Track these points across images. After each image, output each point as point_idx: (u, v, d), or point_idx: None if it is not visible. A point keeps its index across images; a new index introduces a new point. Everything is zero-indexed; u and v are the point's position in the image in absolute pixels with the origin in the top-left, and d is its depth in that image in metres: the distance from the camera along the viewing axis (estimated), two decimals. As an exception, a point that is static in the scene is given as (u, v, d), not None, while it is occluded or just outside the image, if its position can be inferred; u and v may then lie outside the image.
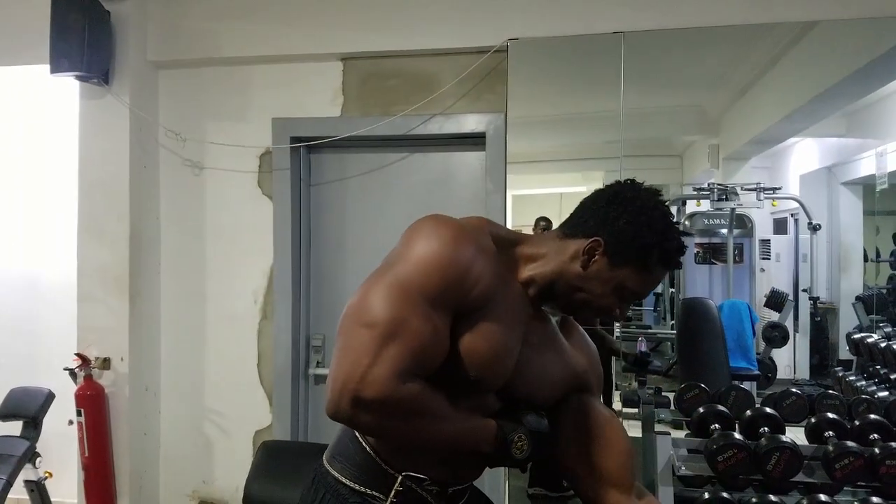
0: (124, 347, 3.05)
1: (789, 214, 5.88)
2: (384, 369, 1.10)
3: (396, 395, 1.11)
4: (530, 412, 1.30)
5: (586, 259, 1.32)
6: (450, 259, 1.19)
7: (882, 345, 3.75)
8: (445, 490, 1.32)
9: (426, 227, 1.24)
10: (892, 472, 2.18)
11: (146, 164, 3.15)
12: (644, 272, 1.32)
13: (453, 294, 1.19)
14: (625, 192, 1.35)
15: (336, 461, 1.37)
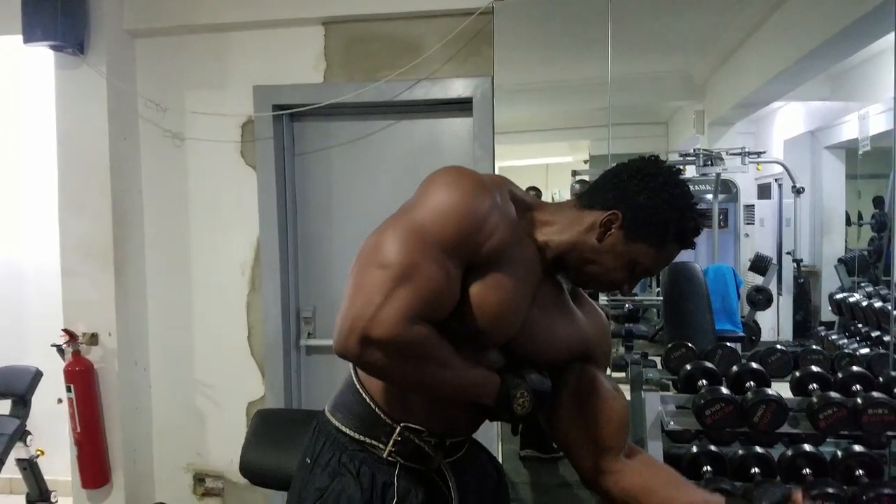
0: (111, 322, 3.03)
1: (773, 179, 5.92)
2: (394, 310, 1.10)
3: (405, 336, 1.11)
4: (534, 371, 1.31)
5: (602, 231, 1.31)
6: (466, 209, 1.18)
7: (863, 304, 3.81)
8: (443, 442, 1.34)
9: (446, 176, 1.23)
10: (874, 421, 2.22)
11: (126, 136, 3.11)
12: (658, 249, 1.31)
13: (467, 244, 1.19)
14: (647, 168, 1.33)
15: (337, 412, 1.38)
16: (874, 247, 4.70)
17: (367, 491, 1.29)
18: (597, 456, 1.39)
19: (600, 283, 1.37)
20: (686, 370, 2.57)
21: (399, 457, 1.31)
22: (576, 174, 6.57)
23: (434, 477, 1.34)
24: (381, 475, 1.31)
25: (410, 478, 1.32)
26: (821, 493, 1.35)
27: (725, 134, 6.22)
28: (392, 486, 1.30)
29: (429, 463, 1.32)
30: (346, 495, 1.29)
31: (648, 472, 1.40)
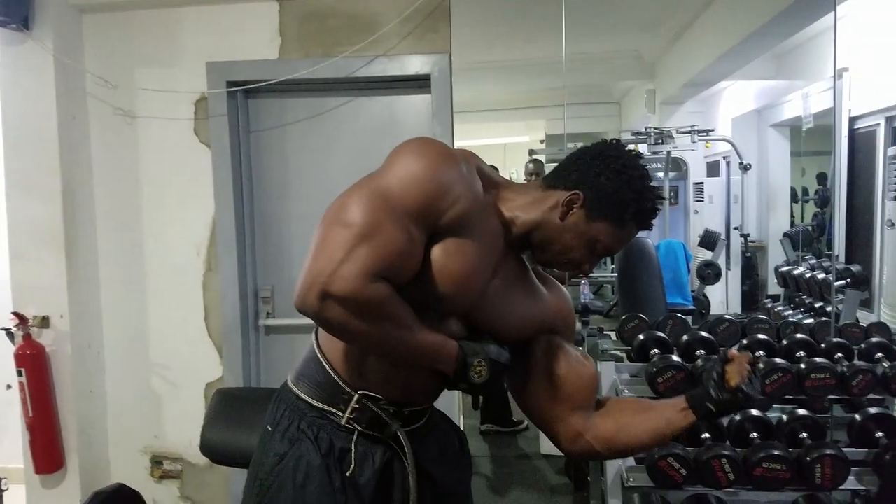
0: (63, 304, 2.96)
1: (721, 157, 6.06)
2: (355, 266, 1.12)
3: (364, 292, 1.13)
4: (493, 342, 1.35)
5: (565, 210, 1.36)
6: (431, 176, 1.22)
7: (807, 276, 3.93)
8: (401, 411, 1.37)
9: (414, 145, 1.27)
10: (816, 385, 2.33)
11: (75, 115, 3.03)
12: (618, 228, 1.37)
13: (431, 210, 1.22)
14: (609, 150, 1.39)
15: (299, 381, 1.41)
16: (818, 221, 4.85)
17: (325, 456, 1.32)
18: (573, 420, 1.44)
19: (562, 261, 1.41)
20: (639, 340, 2.65)
21: (357, 424, 1.34)
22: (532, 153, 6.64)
23: (391, 444, 1.37)
24: (339, 441, 1.34)
25: (367, 444, 1.35)
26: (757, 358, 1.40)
27: (676, 113, 6.35)
28: (349, 452, 1.33)
29: (385, 430, 1.35)
30: (305, 460, 1.32)
31: (617, 411, 1.46)
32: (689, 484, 2.33)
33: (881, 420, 2.40)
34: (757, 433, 2.41)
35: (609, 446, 1.43)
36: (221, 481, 3.19)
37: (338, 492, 1.31)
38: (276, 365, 3.28)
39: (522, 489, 3.59)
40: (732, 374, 1.37)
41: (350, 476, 1.32)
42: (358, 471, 1.33)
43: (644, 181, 1.37)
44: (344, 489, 1.31)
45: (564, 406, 1.44)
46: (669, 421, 1.40)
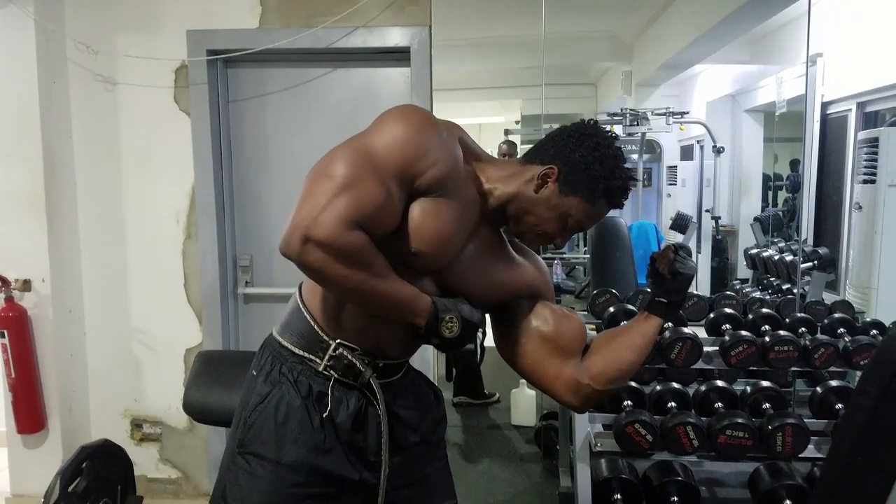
0: (45, 269, 2.97)
1: (695, 141, 6.14)
2: (335, 213, 1.19)
3: (342, 238, 1.20)
4: (467, 302, 1.41)
5: (539, 184, 1.42)
6: (412, 138, 1.29)
7: (775, 258, 4.03)
8: (375, 362, 1.44)
9: (398, 110, 1.34)
10: (780, 357, 2.42)
11: (55, 80, 3.02)
12: (589, 203, 1.42)
13: (410, 171, 1.29)
14: (585, 129, 1.45)
15: (284, 331, 1.49)
16: (788, 207, 4.96)
17: (304, 398, 1.40)
18: (569, 371, 1.50)
19: (536, 233, 1.47)
20: (610, 312, 2.73)
21: (333, 371, 1.41)
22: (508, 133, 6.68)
23: (365, 392, 1.44)
24: (316, 385, 1.41)
25: (343, 390, 1.42)
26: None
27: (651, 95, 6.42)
28: (326, 396, 1.41)
29: (359, 378, 1.42)
30: (286, 400, 1.40)
31: (597, 347, 1.54)
32: (655, 450, 2.42)
33: (841, 392, 2.50)
34: (722, 403, 2.50)
35: (605, 379, 1.50)
36: (200, 444, 3.23)
37: (316, 429, 1.39)
38: (255, 333, 3.31)
39: (493, 458, 3.68)
40: (662, 265, 1.51)
41: (328, 416, 1.40)
42: (334, 411, 1.40)
43: (616, 160, 1.43)
44: (322, 427, 1.39)
45: (559, 360, 1.51)
46: (641, 332, 1.52)
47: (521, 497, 3.27)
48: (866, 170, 3.33)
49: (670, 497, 2.34)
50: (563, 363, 1.50)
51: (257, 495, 1.40)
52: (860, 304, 3.25)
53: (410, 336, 1.43)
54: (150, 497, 3.20)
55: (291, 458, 1.39)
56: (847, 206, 3.71)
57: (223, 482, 1.45)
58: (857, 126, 3.73)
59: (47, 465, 2.59)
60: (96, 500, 2.09)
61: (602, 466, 2.50)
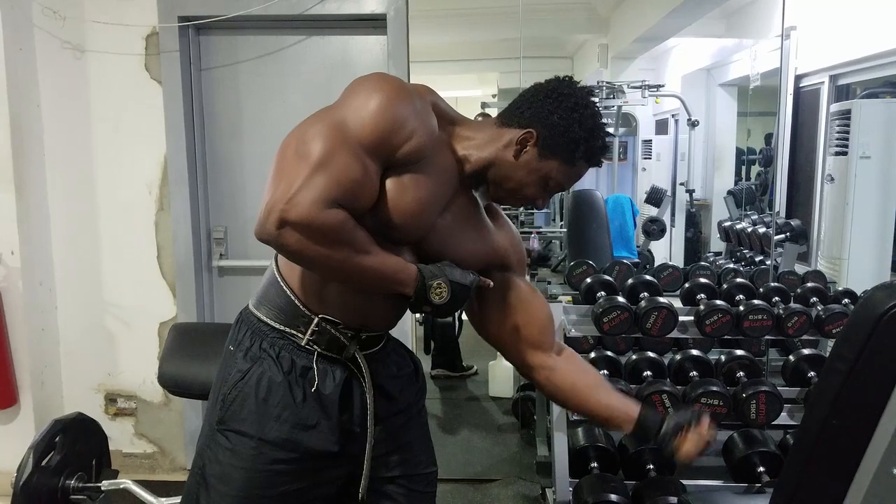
0: (14, 241, 2.90)
1: (670, 115, 6.16)
2: (311, 193, 1.16)
3: (320, 217, 1.17)
4: (456, 267, 1.39)
5: (518, 149, 1.39)
6: (386, 111, 1.24)
7: (749, 230, 4.07)
8: (359, 334, 1.42)
9: (370, 80, 1.30)
10: (754, 326, 2.45)
11: (21, 47, 2.93)
12: (569, 165, 1.40)
13: (385, 144, 1.26)
14: (562, 88, 1.41)
15: (260, 304, 1.45)
16: (761, 181, 5.00)
17: (287, 373, 1.38)
18: (526, 353, 1.53)
19: (516, 198, 1.46)
20: (586, 283, 2.74)
21: (316, 345, 1.39)
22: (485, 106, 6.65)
23: (349, 365, 1.42)
24: (300, 360, 1.39)
25: (327, 364, 1.40)
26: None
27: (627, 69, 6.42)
28: (311, 370, 1.38)
29: (344, 352, 1.40)
30: (268, 376, 1.37)
31: (576, 373, 1.56)
32: (631, 418, 2.45)
33: (813, 360, 2.54)
34: (697, 371, 2.53)
35: (554, 393, 1.57)
36: (176, 419, 3.22)
37: (299, 405, 1.37)
38: (230, 306, 3.29)
39: (472, 428, 3.70)
40: (684, 446, 1.46)
41: (315, 391, 1.37)
42: (321, 385, 1.38)
43: (595, 119, 1.41)
44: (305, 401, 1.37)
45: (520, 340, 1.53)
46: (612, 417, 1.52)
47: (500, 466, 3.30)
48: (838, 142, 3.36)
49: (646, 465, 2.37)
50: (520, 342, 1.54)
51: (238, 472, 1.38)
52: (832, 275, 3.30)
53: (395, 307, 1.43)
54: (126, 472, 3.16)
55: (274, 434, 1.36)
56: (819, 179, 3.75)
57: (202, 459, 1.43)
58: (830, 99, 3.75)
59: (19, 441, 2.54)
60: (70, 475, 2.07)
61: (579, 435, 2.53)
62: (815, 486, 1.21)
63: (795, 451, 1.36)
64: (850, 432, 1.15)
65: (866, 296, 1.14)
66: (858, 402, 1.14)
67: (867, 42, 3.39)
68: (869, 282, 3.15)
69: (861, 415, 1.13)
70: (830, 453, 1.19)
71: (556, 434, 2.44)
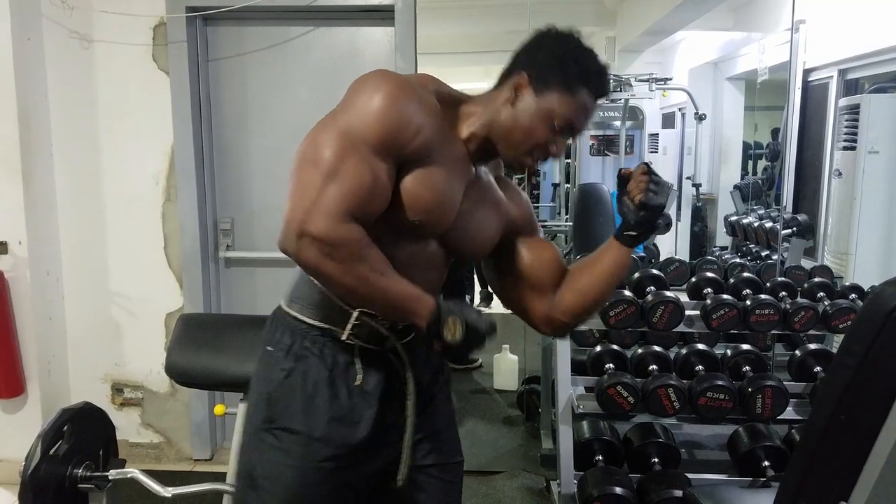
0: (21, 230, 2.90)
1: (677, 109, 6.14)
2: (326, 205, 1.17)
3: (338, 231, 1.17)
4: (475, 311, 1.34)
5: (514, 95, 1.35)
6: (389, 110, 1.24)
7: (755, 224, 4.07)
8: (395, 325, 1.40)
9: (371, 79, 1.28)
10: (761, 321, 2.45)
11: (30, 36, 2.93)
12: (568, 94, 1.34)
13: (393, 144, 1.25)
14: (544, 31, 1.40)
15: (294, 303, 1.43)
16: (768, 175, 4.98)
17: (331, 369, 1.38)
18: (542, 306, 1.52)
19: (526, 149, 1.39)
20: (594, 277, 2.73)
21: (357, 339, 1.38)
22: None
23: (390, 356, 1.41)
24: (342, 356, 1.38)
25: (369, 356, 1.40)
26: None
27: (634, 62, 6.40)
28: (354, 364, 1.38)
29: (385, 343, 1.39)
30: (312, 374, 1.37)
31: (571, 280, 1.51)
32: (636, 412, 2.45)
33: (819, 355, 2.54)
34: (703, 366, 2.54)
35: (575, 313, 1.51)
36: (182, 409, 3.23)
37: (344, 401, 1.37)
38: (237, 297, 3.29)
39: (477, 420, 3.71)
40: (634, 192, 1.44)
41: (358, 385, 1.38)
42: (364, 380, 1.39)
43: (581, 45, 1.38)
44: (350, 396, 1.37)
45: (534, 295, 1.52)
46: (613, 261, 1.47)
47: (505, 459, 3.30)
48: (847, 137, 3.34)
49: (651, 458, 2.38)
50: (538, 298, 1.51)
51: (290, 470, 1.37)
52: (838, 270, 3.29)
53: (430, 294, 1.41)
54: (133, 462, 3.17)
55: (321, 431, 1.36)
56: (826, 173, 3.74)
57: (249, 462, 1.42)
58: (838, 93, 3.74)
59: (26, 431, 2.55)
60: (78, 464, 2.07)
61: (584, 428, 2.54)
62: (821, 480, 1.21)
63: (802, 445, 1.36)
64: (858, 427, 1.15)
65: (875, 291, 1.14)
66: (866, 398, 1.14)
67: (876, 36, 3.37)
68: (876, 277, 3.14)
69: (869, 410, 1.13)
70: (837, 448, 1.19)
71: (562, 427, 2.45)
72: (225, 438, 3.35)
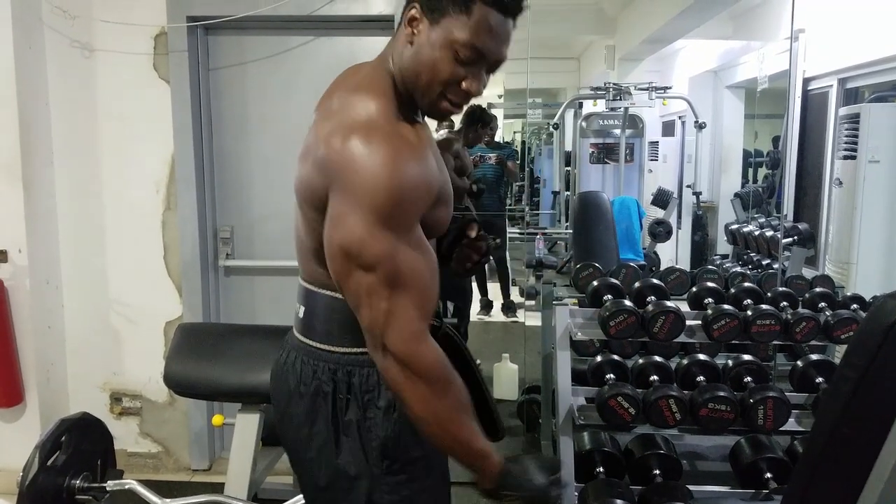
0: (21, 238, 2.90)
1: (677, 117, 6.15)
2: (403, 324, 1.15)
3: (419, 355, 1.16)
4: (540, 467, 1.33)
5: (409, 32, 1.23)
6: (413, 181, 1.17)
7: (756, 233, 4.06)
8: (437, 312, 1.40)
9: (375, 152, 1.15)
10: (762, 331, 2.44)
11: (31, 45, 2.93)
12: (463, 14, 1.19)
13: (425, 206, 1.22)
14: None
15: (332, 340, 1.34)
16: (768, 184, 4.98)
17: None
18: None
19: (437, 90, 1.25)
20: (593, 286, 2.72)
21: None
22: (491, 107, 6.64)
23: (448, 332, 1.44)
24: None
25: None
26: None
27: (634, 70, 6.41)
28: None
29: (438, 331, 1.37)
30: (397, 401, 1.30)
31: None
32: (637, 423, 2.44)
33: (821, 366, 2.52)
34: (704, 376, 2.52)
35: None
36: (181, 419, 3.22)
37: None
38: (237, 305, 3.29)
39: (476, 431, 3.69)
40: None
41: None
42: None
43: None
44: None
45: None
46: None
47: (503, 469, 3.29)
48: (847, 146, 3.34)
49: (652, 470, 2.36)
50: None
51: (426, 494, 1.39)
52: (840, 280, 3.28)
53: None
54: (131, 471, 3.17)
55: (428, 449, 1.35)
56: (827, 182, 3.74)
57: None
58: (838, 102, 3.74)
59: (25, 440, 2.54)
60: (76, 474, 2.07)
61: (584, 439, 2.52)
62: (824, 493, 1.20)
63: (805, 457, 1.35)
64: (861, 440, 1.14)
65: (878, 303, 1.13)
66: (869, 410, 1.13)
67: (876, 45, 3.38)
68: (877, 287, 3.13)
69: (872, 422, 1.13)
70: (840, 460, 1.18)
71: (562, 438, 2.43)
72: (223, 449, 3.34)
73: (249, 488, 2.09)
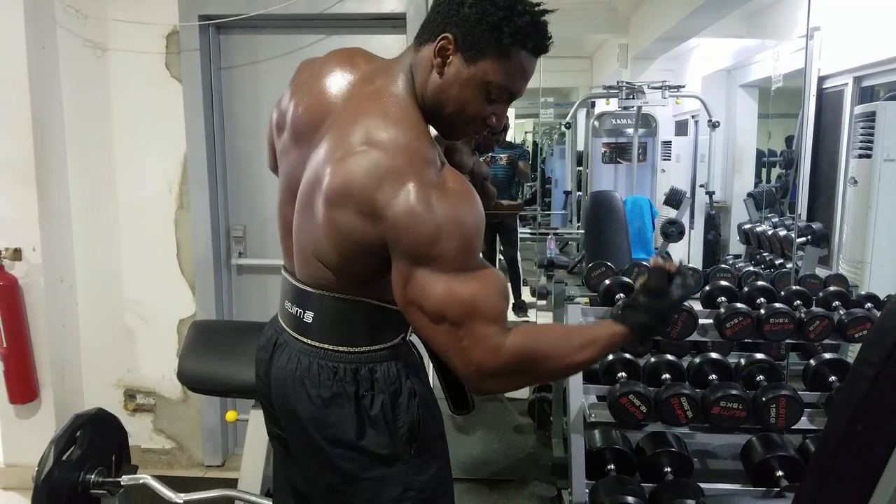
0: (35, 238, 2.92)
1: (690, 116, 6.13)
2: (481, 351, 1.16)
3: (505, 357, 1.16)
4: (653, 302, 1.29)
5: (440, 62, 1.20)
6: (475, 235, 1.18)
7: (769, 232, 4.04)
8: None
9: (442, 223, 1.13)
10: (775, 330, 2.43)
11: (44, 45, 2.95)
12: (503, 59, 1.18)
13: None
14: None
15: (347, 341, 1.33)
16: (781, 183, 4.95)
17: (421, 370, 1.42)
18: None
19: (463, 122, 1.27)
20: (605, 285, 2.72)
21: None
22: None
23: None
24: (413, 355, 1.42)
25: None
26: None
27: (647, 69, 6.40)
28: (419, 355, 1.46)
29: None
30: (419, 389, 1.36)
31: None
32: (648, 421, 2.43)
33: (835, 365, 2.51)
34: (716, 375, 2.51)
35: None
36: (194, 415, 3.23)
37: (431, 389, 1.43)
38: (249, 304, 3.30)
39: (487, 429, 3.69)
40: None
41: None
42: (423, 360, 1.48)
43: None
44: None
45: None
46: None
47: (516, 467, 3.29)
48: (862, 144, 3.32)
49: (663, 468, 2.36)
50: None
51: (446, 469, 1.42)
52: (853, 279, 3.26)
53: None
54: (145, 467, 3.19)
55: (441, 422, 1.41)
56: (842, 181, 3.71)
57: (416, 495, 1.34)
58: (854, 100, 3.72)
59: (40, 436, 2.57)
60: (91, 469, 2.08)
61: (596, 437, 2.52)
62: (837, 492, 1.20)
63: (818, 456, 1.34)
64: (876, 438, 1.13)
65: (893, 301, 1.12)
66: (885, 408, 1.12)
67: (892, 43, 3.35)
68: (892, 286, 3.11)
69: (887, 421, 1.12)
70: (853, 460, 1.17)
71: (574, 436, 2.43)
72: (237, 445, 3.35)
73: (263, 483, 2.10)
